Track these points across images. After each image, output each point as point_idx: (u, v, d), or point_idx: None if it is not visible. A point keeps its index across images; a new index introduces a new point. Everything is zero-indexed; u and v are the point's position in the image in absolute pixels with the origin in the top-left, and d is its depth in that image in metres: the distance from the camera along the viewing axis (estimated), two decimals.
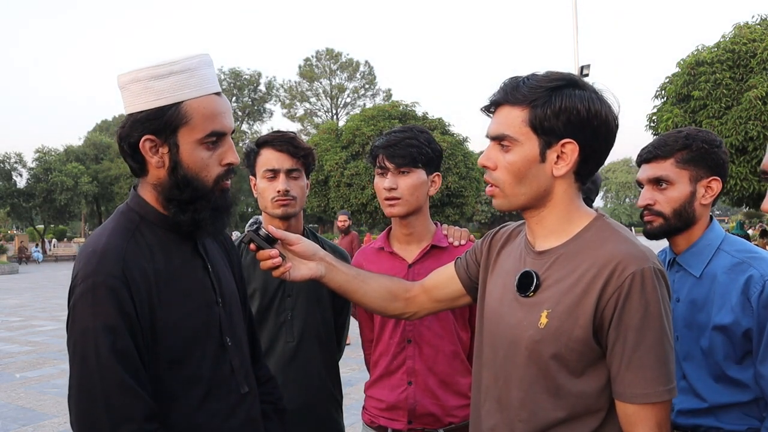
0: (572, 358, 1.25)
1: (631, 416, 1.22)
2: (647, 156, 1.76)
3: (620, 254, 1.23)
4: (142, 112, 1.30)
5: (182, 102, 1.30)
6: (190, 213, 1.33)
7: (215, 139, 1.34)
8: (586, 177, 1.34)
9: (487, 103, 1.36)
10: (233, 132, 1.42)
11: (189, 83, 1.31)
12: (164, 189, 1.33)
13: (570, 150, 1.28)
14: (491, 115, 1.35)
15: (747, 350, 1.63)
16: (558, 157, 1.29)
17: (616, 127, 1.31)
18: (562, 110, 1.25)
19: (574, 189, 1.34)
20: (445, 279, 1.63)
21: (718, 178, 1.70)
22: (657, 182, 1.73)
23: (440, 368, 1.90)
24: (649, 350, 1.20)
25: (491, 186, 1.36)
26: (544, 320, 1.27)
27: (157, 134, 1.30)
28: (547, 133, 1.27)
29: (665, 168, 1.72)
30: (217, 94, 1.36)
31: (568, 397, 1.26)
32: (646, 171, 1.76)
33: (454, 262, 1.65)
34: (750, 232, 23.91)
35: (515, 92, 1.29)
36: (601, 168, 1.42)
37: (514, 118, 1.29)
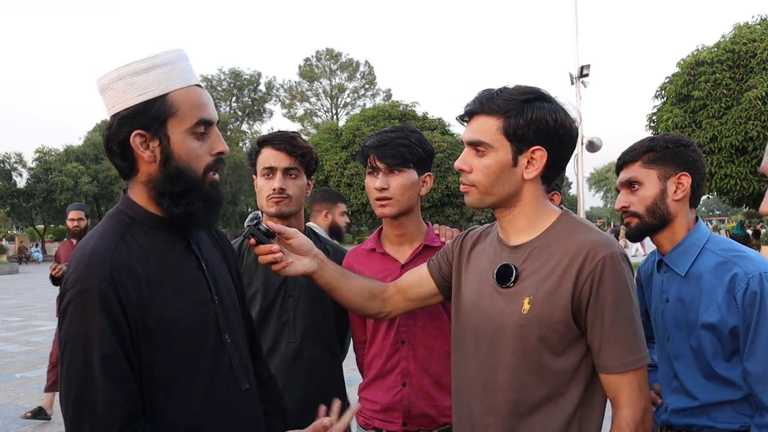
0: (554, 338, 1.39)
1: (614, 383, 1.38)
2: (619, 163, 1.85)
3: (589, 242, 1.39)
4: (128, 108, 1.30)
5: (168, 93, 1.31)
6: (183, 206, 1.33)
7: (203, 128, 1.35)
8: (551, 180, 1.50)
9: (462, 112, 1.49)
10: (218, 123, 1.42)
11: (172, 75, 1.32)
12: (156, 184, 1.33)
13: (539, 156, 1.43)
14: (465, 123, 1.49)
15: (735, 348, 1.65)
16: (528, 162, 1.44)
17: (577, 135, 1.48)
18: (533, 120, 1.40)
19: (541, 191, 1.49)
20: (419, 279, 1.73)
21: (687, 174, 1.75)
22: (629, 185, 1.80)
23: (435, 369, 1.89)
24: (624, 324, 1.36)
25: (465, 184, 1.49)
26: (526, 306, 1.40)
27: (146, 128, 1.30)
28: (519, 140, 1.42)
29: (634, 170, 1.79)
30: (198, 86, 1.38)
31: (550, 375, 1.40)
32: (620, 177, 1.84)
33: (426, 263, 1.74)
34: (749, 231, 23.88)
35: (490, 103, 1.43)
36: (600, 168, 1.51)
37: (490, 126, 1.43)
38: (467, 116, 1.49)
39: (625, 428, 1.36)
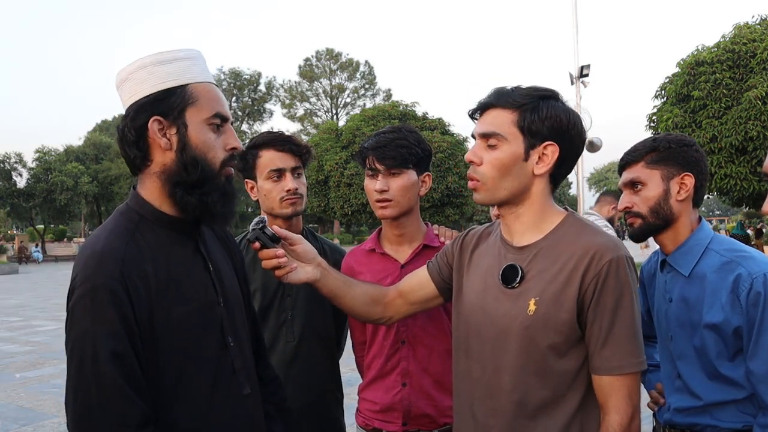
0: (559, 340, 1.39)
1: (605, 387, 1.38)
2: (622, 163, 1.85)
3: (596, 245, 1.39)
4: (148, 96, 1.31)
5: (188, 84, 1.33)
6: (197, 195, 1.33)
7: (219, 121, 1.37)
8: (559, 180, 1.50)
9: (475, 107, 1.50)
10: (231, 123, 1.44)
11: (192, 69, 1.36)
12: (171, 174, 1.33)
13: (551, 152, 1.44)
14: (477, 119, 1.49)
15: (738, 348, 1.65)
16: (539, 157, 1.44)
17: (585, 138, 1.50)
18: (548, 117, 1.42)
19: (548, 190, 1.49)
20: (419, 282, 1.72)
21: (691, 174, 1.75)
22: (632, 185, 1.80)
23: (435, 368, 1.89)
24: (623, 328, 1.36)
25: (474, 180, 1.48)
26: (532, 307, 1.40)
27: (165, 115, 1.31)
28: (533, 135, 1.42)
29: (637, 170, 1.78)
30: (214, 85, 1.41)
31: (553, 376, 1.40)
32: (623, 177, 1.84)
33: (426, 265, 1.73)
34: (749, 232, 23.88)
35: (506, 97, 1.44)
36: (600, 168, 1.52)
37: (504, 119, 1.44)
38: (480, 110, 1.49)
39: None
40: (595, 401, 1.41)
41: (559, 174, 1.48)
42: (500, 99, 1.44)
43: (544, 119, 1.41)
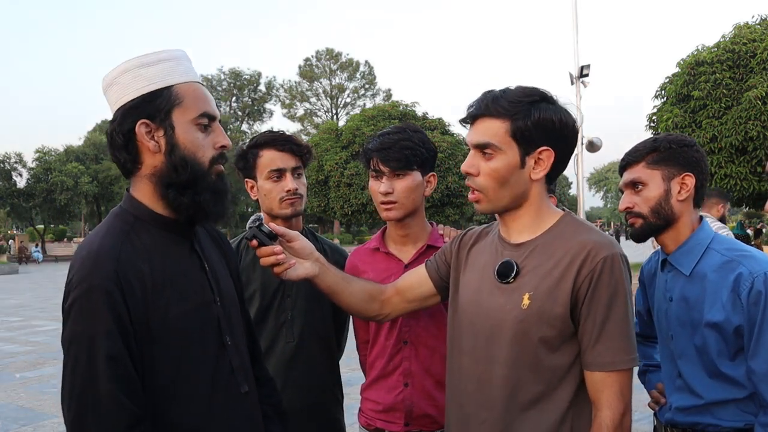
0: (552, 334, 1.41)
1: (597, 383, 1.40)
2: (623, 164, 1.86)
3: (591, 242, 1.41)
4: (134, 99, 1.31)
5: (174, 85, 1.33)
6: (190, 195, 1.33)
7: (207, 121, 1.36)
8: (554, 179, 1.52)
9: (465, 116, 1.50)
10: (225, 125, 1.43)
11: (177, 70, 1.35)
12: (162, 176, 1.33)
13: (546, 156, 1.45)
14: (468, 126, 1.49)
15: (739, 347, 1.66)
16: (535, 162, 1.45)
17: (578, 134, 1.50)
18: (540, 122, 1.42)
19: (545, 189, 1.51)
20: (417, 280, 1.73)
21: (691, 174, 1.76)
22: (633, 185, 1.80)
23: (437, 369, 1.88)
24: (616, 324, 1.38)
25: (475, 192, 1.49)
26: (526, 301, 1.42)
27: (151, 118, 1.31)
28: (527, 142, 1.43)
29: (638, 171, 1.79)
30: (200, 83, 1.40)
31: (545, 371, 1.42)
32: (624, 177, 1.85)
33: (424, 264, 1.74)
34: (749, 231, 23.87)
35: (496, 105, 1.43)
36: (600, 168, 1.54)
37: (497, 129, 1.44)
38: (471, 119, 1.49)
39: (604, 429, 1.38)
40: (587, 398, 1.43)
41: (555, 174, 1.49)
42: (490, 108, 1.44)
43: (537, 125, 1.41)
